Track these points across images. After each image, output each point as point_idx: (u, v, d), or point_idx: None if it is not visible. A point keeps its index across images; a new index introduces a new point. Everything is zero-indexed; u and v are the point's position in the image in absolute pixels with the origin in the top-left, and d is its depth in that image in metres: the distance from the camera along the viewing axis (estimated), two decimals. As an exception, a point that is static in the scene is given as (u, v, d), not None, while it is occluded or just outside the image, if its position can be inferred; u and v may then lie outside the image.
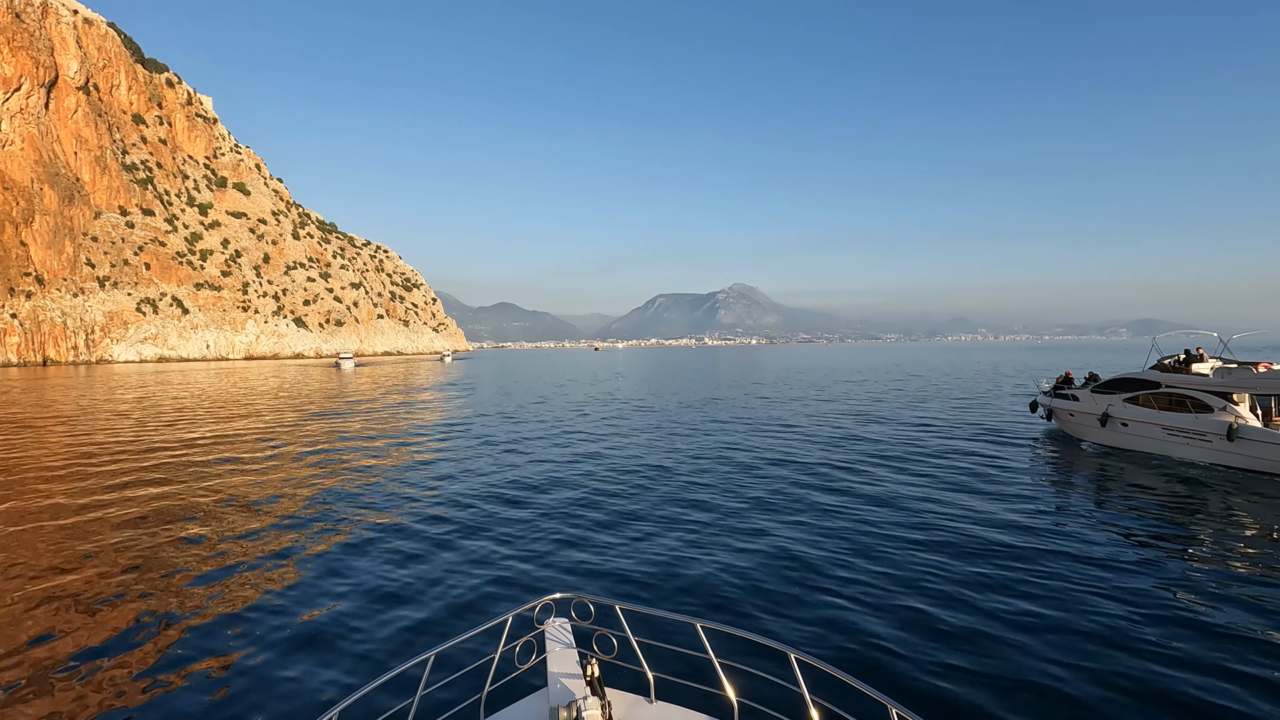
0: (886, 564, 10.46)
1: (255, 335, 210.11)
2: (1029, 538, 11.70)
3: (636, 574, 10.21)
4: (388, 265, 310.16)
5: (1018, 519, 12.95)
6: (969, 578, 9.84)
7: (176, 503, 15.18)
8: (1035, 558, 10.66)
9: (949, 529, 12.31)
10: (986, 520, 12.86)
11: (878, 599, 9.08)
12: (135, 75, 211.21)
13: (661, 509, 14.04)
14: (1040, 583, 9.61)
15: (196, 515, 14.01)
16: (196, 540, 12.19)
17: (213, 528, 13.01)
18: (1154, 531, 12.07)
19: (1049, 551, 10.97)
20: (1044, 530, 12.19)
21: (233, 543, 11.99)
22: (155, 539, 12.30)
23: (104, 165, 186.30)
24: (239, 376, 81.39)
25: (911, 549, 11.17)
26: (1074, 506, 14.16)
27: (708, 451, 21.23)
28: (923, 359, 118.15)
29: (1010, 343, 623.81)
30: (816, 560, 10.68)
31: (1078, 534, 11.98)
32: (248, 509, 14.47)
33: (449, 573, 10.35)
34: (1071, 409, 22.59)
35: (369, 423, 30.77)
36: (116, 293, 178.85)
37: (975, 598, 9.08)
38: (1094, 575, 9.87)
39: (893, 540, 11.63)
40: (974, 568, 10.25)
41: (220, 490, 16.45)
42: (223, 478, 18.06)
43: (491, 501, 14.93)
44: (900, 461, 19.09)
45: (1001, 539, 11.63)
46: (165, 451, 22.71)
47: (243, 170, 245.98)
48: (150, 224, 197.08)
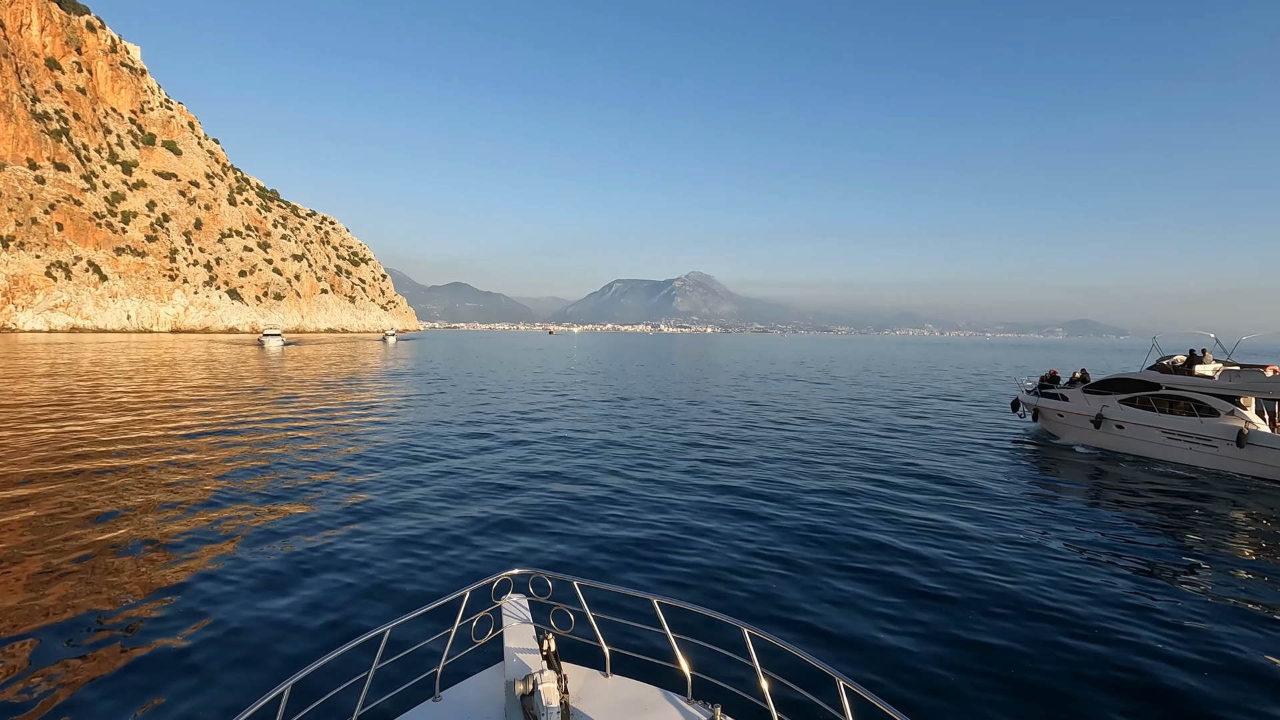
0: (857, 570, 9.79)
1: (183, 307, 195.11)
2: (1013, 548, 10.94)
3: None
4: (334, 238, 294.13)
5: (1003, 526, 12.15)
6: (936, 586, 9.23)
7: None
8: (1022, 571, 9.87)
9: (925, 533, 11.66)
10: (967, 528, 11.95)
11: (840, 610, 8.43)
12: (49, 14, 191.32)
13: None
14: (1030, 598, 8.85)
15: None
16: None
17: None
18: (1157, 541, 11.50)
19: (1040, 561, 10.29)
20: (1032, 540, 11.40)
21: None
22: None
23: (9, 112, 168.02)
24: (116, 353, 72.27)
25: (877, 556, 10.46)
26: (1065, 514, 13.13)
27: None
28: (883, 353, 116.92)
29: (956, 338, 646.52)
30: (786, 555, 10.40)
31: (1071, 543, 11.27)
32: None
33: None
34: (1060, 409, 21.64)
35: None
36: (22, 254, 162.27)
37: (946, 610, 8.44)
38: (1091, 591, 9.16)
39: (870, 548, 10.85)
40: (944, 578, 9.53)
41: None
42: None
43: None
44: (884, 460, 18.32)
45: (986, 550, 10.81)
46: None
47: (174, 128, 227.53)
48: (64, 180, 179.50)
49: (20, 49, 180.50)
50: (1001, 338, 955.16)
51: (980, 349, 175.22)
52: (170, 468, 16.02)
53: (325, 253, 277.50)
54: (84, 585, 8.96)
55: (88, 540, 10.78)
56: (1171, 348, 22.75)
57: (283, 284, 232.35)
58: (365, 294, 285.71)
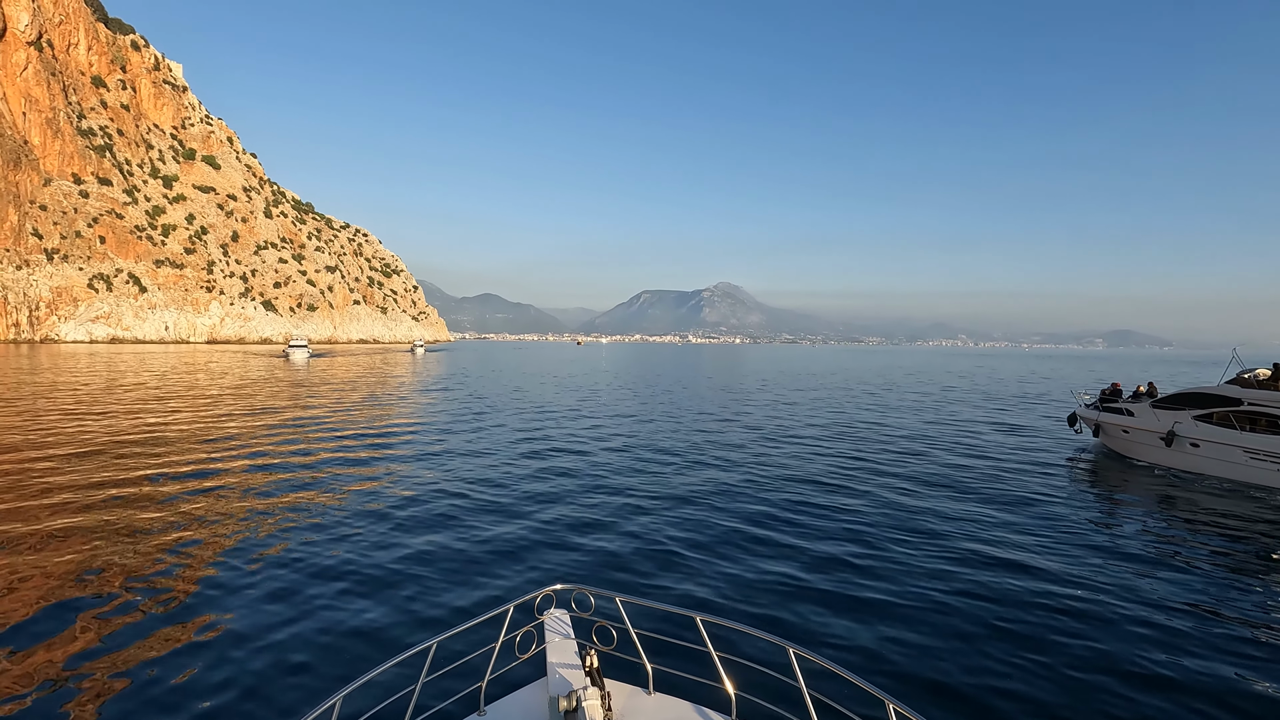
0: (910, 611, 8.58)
1: (219, 318, 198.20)
2: (1077, 578, 9.75)
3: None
4: (367, 249, 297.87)
5: (1066, 554, 11.04)
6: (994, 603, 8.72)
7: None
8: (1087, 610, 8.62)
9: (971, 550, 10.98)
10: (1020, 557, 10.82)
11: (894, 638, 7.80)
12: (96, 34, 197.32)
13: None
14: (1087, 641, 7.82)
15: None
16: None
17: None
18: (1242, 574, 10.25)
19: (1106, 591, 9.22)
20: (1094, 571, 10.20)
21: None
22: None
23: (56, 129, 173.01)
24: (146, 363, 71.62)
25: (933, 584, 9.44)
26: (1131, 544, 11.85)
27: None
28: (924, 363, 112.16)
29: (991, 349, 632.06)
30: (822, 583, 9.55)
31: (1141, 574, 10.08)
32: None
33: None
34: (1126, 425, 20.30)
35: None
36: (66, 267, 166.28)
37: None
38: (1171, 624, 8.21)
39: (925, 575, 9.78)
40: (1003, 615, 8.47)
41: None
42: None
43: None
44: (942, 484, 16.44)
45: (1045, 583, 9.60)
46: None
47: (213, 143, 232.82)
48: (107, 194, 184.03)
49: (68, 68, 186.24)
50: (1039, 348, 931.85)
51: (1022, 360, 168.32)
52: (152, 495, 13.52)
53: (358, 264, 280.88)
54: (129, 582, 9.03)
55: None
56: (1252, 359, 20.14)
57: (316, 295, 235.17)
58: (397, 305, 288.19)
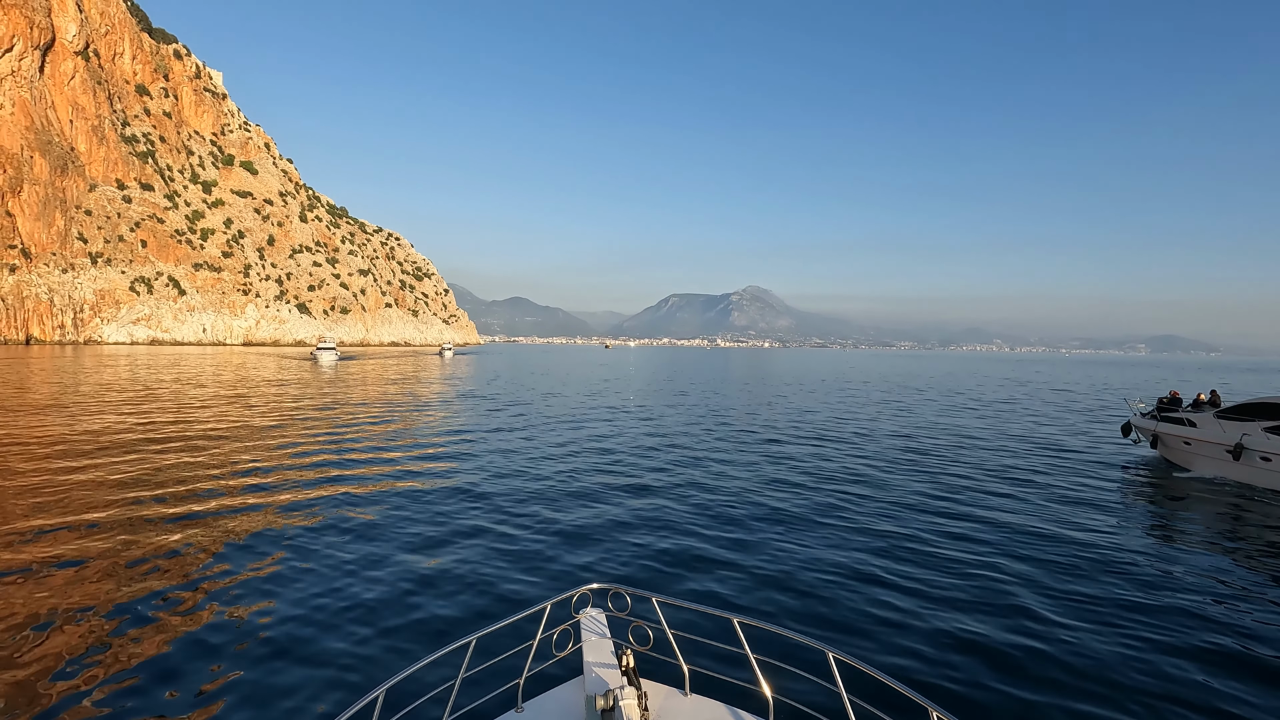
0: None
1: (255, 320, 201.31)
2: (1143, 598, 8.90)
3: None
4: (399, 253, 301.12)
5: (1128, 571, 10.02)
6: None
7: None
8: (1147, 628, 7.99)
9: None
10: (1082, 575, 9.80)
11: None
12: (140, 44, 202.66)
13: None
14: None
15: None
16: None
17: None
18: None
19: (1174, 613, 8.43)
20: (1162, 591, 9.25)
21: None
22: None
23: (101, 136, 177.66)
24: (177, 364, 71.45)
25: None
26: (1204, 563, 10.60)
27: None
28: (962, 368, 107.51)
29: (1028, 354, 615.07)
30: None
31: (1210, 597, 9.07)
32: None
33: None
34: (1187, 436, 19.28)
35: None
36: (109, 270, 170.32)
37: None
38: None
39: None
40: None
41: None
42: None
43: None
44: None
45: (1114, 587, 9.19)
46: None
47: (251, 148, 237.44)
48: (149, 199, 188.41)
49: (113, 76, 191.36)
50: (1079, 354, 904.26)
51: (1065, 366, 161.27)
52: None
53: (390, 268, 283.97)
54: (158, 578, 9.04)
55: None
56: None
57: (349, 298, 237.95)
58: (428, 308, 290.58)
